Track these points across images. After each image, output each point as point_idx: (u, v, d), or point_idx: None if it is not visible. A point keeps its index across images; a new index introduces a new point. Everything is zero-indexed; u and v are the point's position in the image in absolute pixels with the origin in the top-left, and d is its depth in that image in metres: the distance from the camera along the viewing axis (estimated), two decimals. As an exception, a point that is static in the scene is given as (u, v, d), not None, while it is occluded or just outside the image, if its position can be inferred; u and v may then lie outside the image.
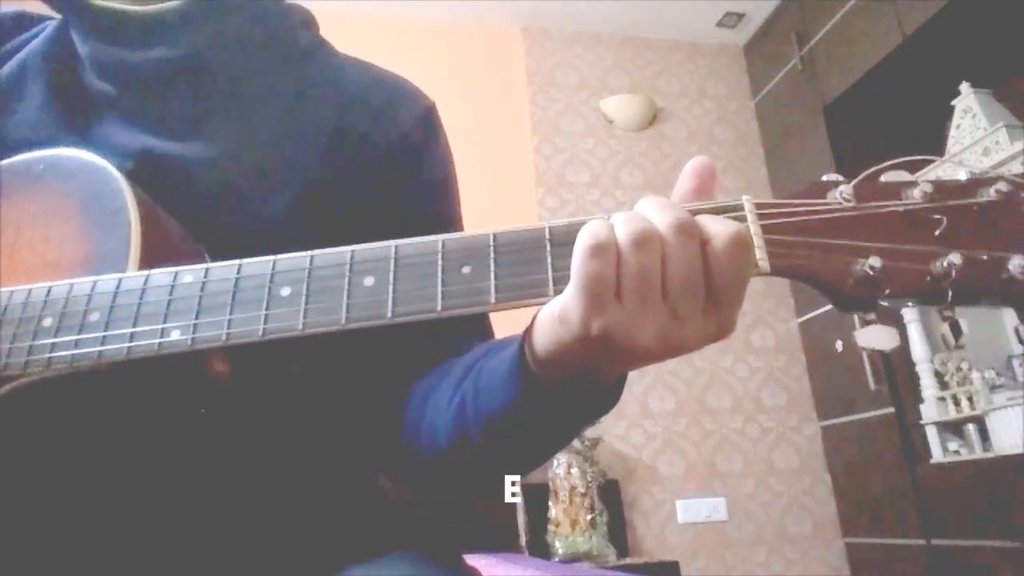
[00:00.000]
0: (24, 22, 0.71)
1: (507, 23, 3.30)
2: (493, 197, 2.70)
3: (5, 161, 0.57)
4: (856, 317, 0.44)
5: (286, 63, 0.66)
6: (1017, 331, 0.40)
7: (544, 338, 0.42)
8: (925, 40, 2.51)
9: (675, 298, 0.39)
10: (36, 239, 0.53)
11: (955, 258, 0.39)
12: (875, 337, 0.41)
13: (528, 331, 0.44)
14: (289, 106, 0.64)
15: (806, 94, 3.05)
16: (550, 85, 3.27)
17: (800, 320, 3.11)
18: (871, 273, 0.40)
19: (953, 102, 2.49)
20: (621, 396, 0.48)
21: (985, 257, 0.40)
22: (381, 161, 0.64)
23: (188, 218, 0.55)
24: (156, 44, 0.60)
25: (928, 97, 2.61)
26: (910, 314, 2.52)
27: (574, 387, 0.44)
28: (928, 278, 0.40)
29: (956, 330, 0.40)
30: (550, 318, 0.42)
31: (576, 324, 0.40)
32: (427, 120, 0.68)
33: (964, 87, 2.45)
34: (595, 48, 3.38)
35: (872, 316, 0.42)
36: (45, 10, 0.66)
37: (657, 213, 0.40)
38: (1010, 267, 0.39)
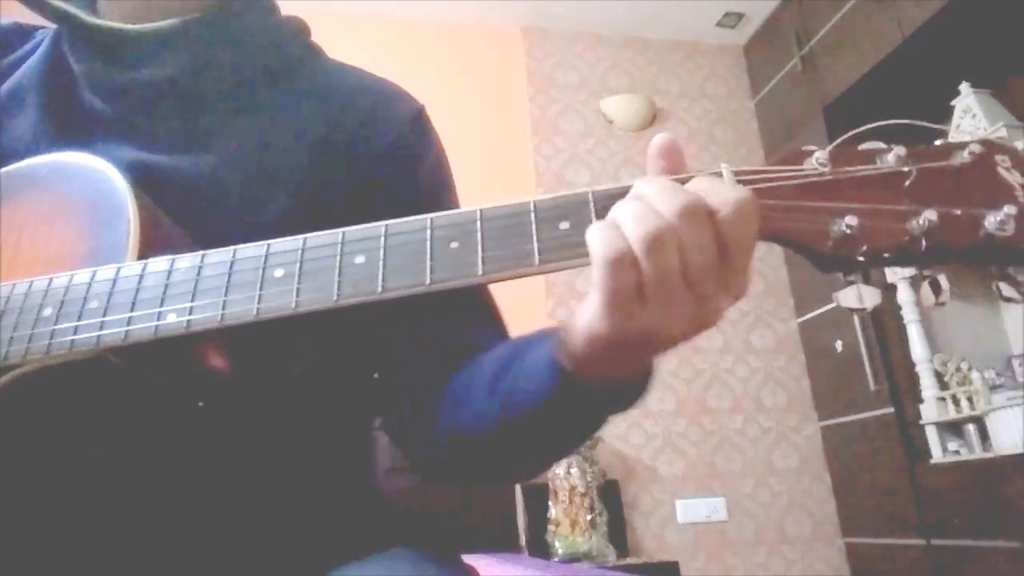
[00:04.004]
0: (20, 35, 0.71)
1: (507, 23, 3.30)
2: (493, 197, 2.65)
3: (8, 167, 0.58)
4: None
5: (277, 76, 0.67)
6: (998, 287, 0.40)
7: (578, 350, 0.44)
8: (925, 40, 2.52)
9: (698, 283, 0.39)
10: (39, 238, 0.54)
11: (931, 215, 0.40)
12: (856, 296, 0.42)
13: (561, 339, 0.45)
14: (280, 116, 0.64)
15: (806, 94, 3.05)
16: (550, 85, 3.28)
17: (800, 320, 3.11)
18: (848, 232, 0.40)
19: (953, 102, 2.49)
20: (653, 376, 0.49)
21: (960, 213, 0.40)
22: (373, 165, 0.64)
23: (184, 227, 0.56)
24: (148, 63, 0.61)
25: (928, 97, 2.61)
26: (910, 314, 2.52)
27: (611, 380, 0.45)
28: (905, 236, 0.40)
29: (936, 288, 0.41)
30: (578, 335, 0.43)
31: (606, 338, 0.41)
32: (417, 122, 0.69)
33: (964, 87, 2.45)
34: (595, 48, 3.39)
35: (854, 276, 0.42)
36: (41, 21, 0.66)
37: (662, 199, 0.40)
38: (986, 223, 0.40)
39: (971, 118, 2.41)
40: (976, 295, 2.60)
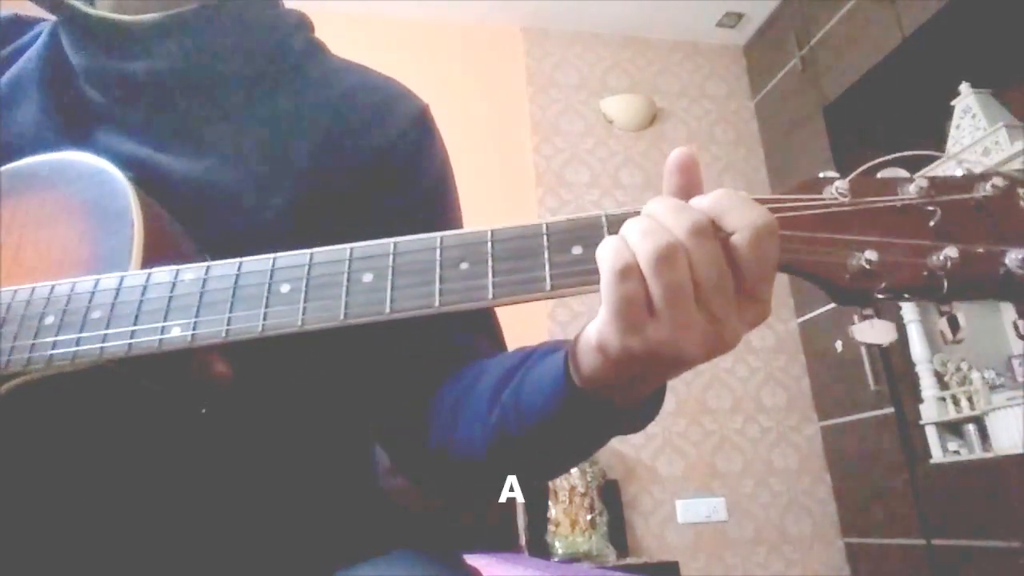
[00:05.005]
0: (19, 26, 0.71)
1: (507, 23, 3.30)
2: (493, 197, 2.71)
3: (10, 165, 0.57)
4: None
5: (278, 71, 0.66)
6: (1016, 325, 0.40)
7: (587, 364, 0.43)
8: (925, 40, 2.52)
9: (709, 302, 0.39)
10: (40, 241, 0.53)
11: (951, 252, 0.39)
12: (872, 331, 0.41)
13: (571, 352, 0.45)
14: (281, 113, 0.64)
15: (806, 94, 3.05)
16: (550, 85, 3.27)
17: (800, 320, 3.11)
18: (867, 266, 0.40)
19: (953, 102, 2.49)
20: (663, 400, 0.48)
21: (982, 251, 0.39)
22: (376, 164, 0.64)
23: (185, 226, 0.55)
24: (147, 55, 0.60)
25: (928, 97, 2.61)
26: (910, 314, 2.52)
27: (619, 400, 0.44)
28: (925, 272, 0.40)
29: (954, 324, 0.40)
30: (588, 346, 0.42)
31: (616, 349, 0.40)
32: (421, 121, 0.68)
33: (964, 87, 2.45)
34: (595, 48, 3.39)
35: (869, 311, 0.41)
36: (39, 11, 0.65)
37: (672, 218, 0.39)
38: (1007, 261, 0.39)
39: (971, 118, 2.40)
40: (977, 300, 2.59)
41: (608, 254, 0.39)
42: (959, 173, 0.42)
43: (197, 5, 0.61)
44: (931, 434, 2.46)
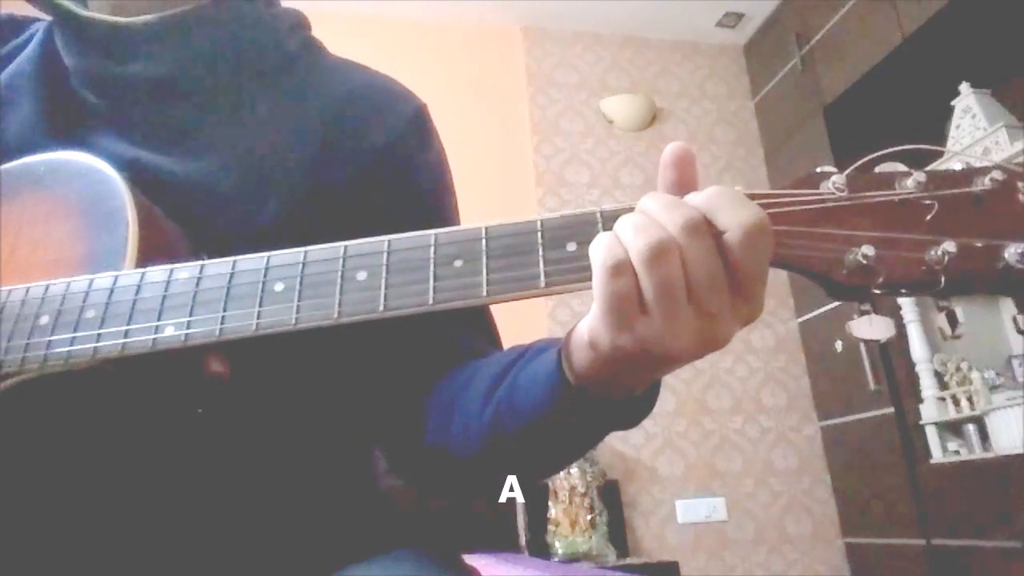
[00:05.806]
0: (14, 26, 0.71)
1: (507, 23, 3.30)
2: (493, 197, 2.70)
3: (5, 165, 0.57)
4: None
5: (274, 71, 0.66)
6: (1016, 320, 0.40)
7: (580, 360, 0.43)
8: (925, 40, 2.52)
9: (701, 299, 0.38)
10: (36, 240, 0.53)
11: (949, 246, 0.39)
12: (870, 327, 0.41)
13: (565, 348, 0.45)
14: (278, 113, 0.64)
15: (806, 94, 3.05)
16: (550, 85, 3.27)
17: (800, 320, 3.11)
18: (864, 262, 0.39)
19: (953, 102, 2.48)
20: (658, 396, 0.48)
21: (980, 245, 0.39)
22: (373, 163, 0.64)
23: (181, 226, 0.55)
24: (143, 57, 0.60)
25: (928, 97, 2.61)
26: (910, 314, 2.52)
27: (613, 395, 0.44)
28: (923, 267, 0.39)
29: (952, 320, 0.40)
30: (580, 342, 0.42)
31: (607, 345, 0.40)
32: (418, 120, 0.68)
33: (964, 87, 2.45)
34: (595, 48, 3.39)
35: (867, 306, 0.41)
36: (35, 12, 0.65)
37: (665, 214, 0.39)
38: (1006, 255, 0.39)
39: (971, 118, 2.40)
40: (976, 295, 2.59)
41: (600, 250, 0.39)
42: (958, 167, 0.41)
43: (192, 6, 0.61)
44: (931, 434, 2.45)
